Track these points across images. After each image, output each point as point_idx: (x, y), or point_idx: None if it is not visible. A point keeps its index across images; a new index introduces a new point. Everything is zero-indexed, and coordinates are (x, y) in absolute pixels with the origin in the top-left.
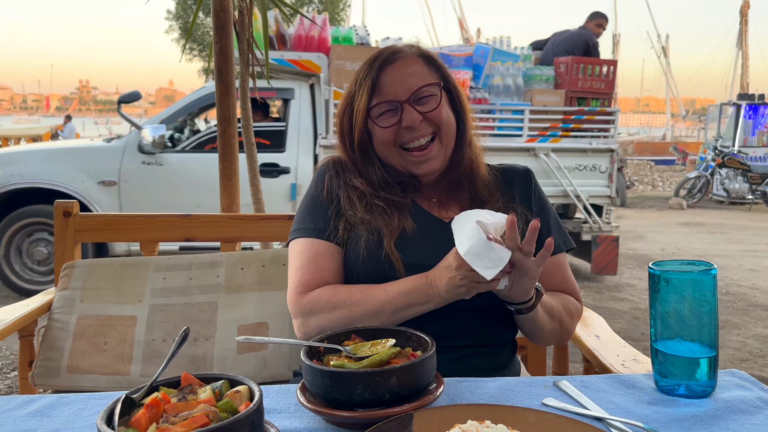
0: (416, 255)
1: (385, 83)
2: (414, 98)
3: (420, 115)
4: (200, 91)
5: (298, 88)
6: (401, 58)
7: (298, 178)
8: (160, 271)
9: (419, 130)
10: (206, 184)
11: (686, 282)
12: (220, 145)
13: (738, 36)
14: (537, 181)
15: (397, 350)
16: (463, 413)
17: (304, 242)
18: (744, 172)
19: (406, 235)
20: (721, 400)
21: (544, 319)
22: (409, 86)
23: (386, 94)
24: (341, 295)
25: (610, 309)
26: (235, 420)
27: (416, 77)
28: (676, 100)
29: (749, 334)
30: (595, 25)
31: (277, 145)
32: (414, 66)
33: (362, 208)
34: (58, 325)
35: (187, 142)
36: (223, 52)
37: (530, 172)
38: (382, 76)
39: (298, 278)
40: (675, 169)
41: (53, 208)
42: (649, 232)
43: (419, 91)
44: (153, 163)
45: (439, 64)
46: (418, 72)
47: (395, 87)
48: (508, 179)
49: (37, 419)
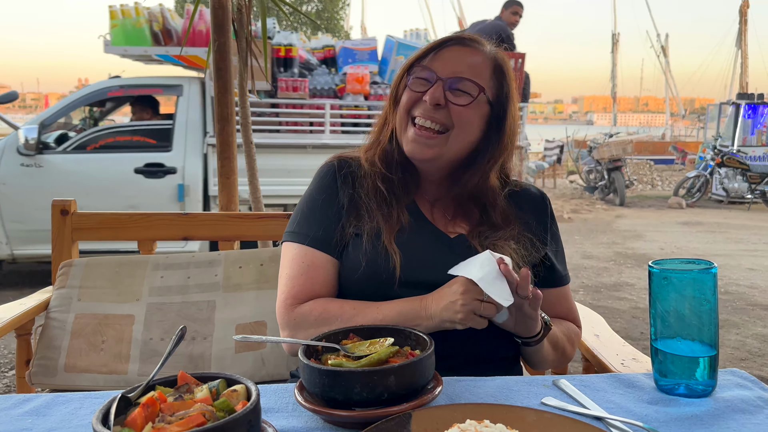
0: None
1: (442, 56)
2: (452, 83)
3: (444, 99)
4: (84, 90)
5: (187, 84)
6: (475, 48)
7: (185, 178)
8: (158, 270)
9: (434, 113)
10: (86, 185)
11: (686, 281)
12: (219, 144)
13: (737, 36)
14: (552, 209)
15: (396, 349)
16: (461, 412)
17: (299, 249)
18: (743, 172)
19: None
20: (721, 400)
21: (548, 350)
22: (457, 70)
23: (435, 64)
24: (332, 311)
25: (609, 308)
26: (232, 419)
27: (471, 69)
28: (676, 99)
29: (748, 333)
30: (511, 13)
31: (163, 144)
32: (479, 61)
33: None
34: (56, 324)
35: (68, 143)
36: (221, 49)
37: (546, 198)
38: (447, 49)
39: (288, 289)
40: (674, 168)
41: (52, 207)
42: (648, 231)
43: (461, 80)
44: (32, 165)
45: (504, 80)
46: (476, 67)
47: (447, 63)
48: (524, 202)
49: (33, 418)
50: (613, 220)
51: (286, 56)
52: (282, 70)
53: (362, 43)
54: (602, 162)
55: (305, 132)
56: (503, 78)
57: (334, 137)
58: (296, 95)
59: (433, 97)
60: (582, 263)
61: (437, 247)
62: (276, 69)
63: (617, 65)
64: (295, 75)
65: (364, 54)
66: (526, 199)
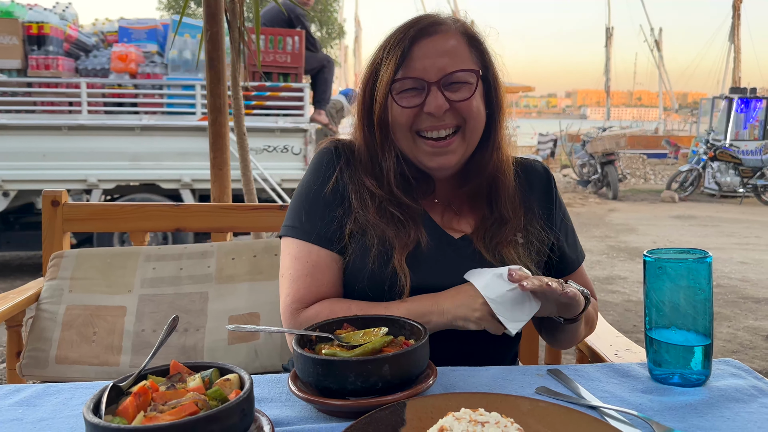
0: (426, 275)
1: (416, 57)
2: (445, 82)
3: (447, 102)
4: None
5: None
6: (441, 32)
7: None
8: (150, 261)
9: (442, 119)
10: None
11: (681, 270)
12: (211, 135)
13: (730, 30)
14: (556, 187)
15: (390, 339)
16: (456, 401)
17: (301, 247)
18: (735, 166)
19: (419, 252)
20: (715, 389)
21: (581, 326)
22: (443, 66)
23: (414, 69)
24: (339, 313)
25: (601, 301)
26: (225, 408)
27: (454, 57)
28: (669, 93)
29: (740, 326)
30: None
31: None
32: (454, 43)
33: (374, 212)
34: (47, 316)
35: None
36: (213, 39)
37: (550, 173)
38: (415, 47)
39: (294, 291)
40: (667, 162)
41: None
42: (641, 225)
43: (453, 75)
44: None
45: (483, 48)
46: (457, 52)
47: (426, 63)
48: (528, 181)
49: (23, 408)
50: (606, 214)
51: (38, 34)
52: (35, 48)
53: (140, 22)
54: (595, 156)
55: (63, 112)
56: (479, 43)
57: (93, 117)
58: (48, 74)
59: (438, 106)
60: None
61: (441, 250)
62: (28, 47)
63: (611, 59)
64: (49, 53)
65: (141, 33)
66: (530, 176)
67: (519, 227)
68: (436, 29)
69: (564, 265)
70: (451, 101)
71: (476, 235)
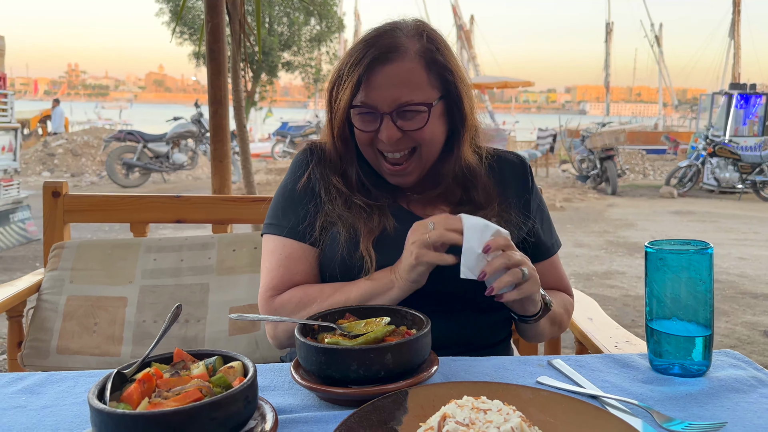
0: (394, 257)
1: (372, 85)
2: (398, 112)
3: (399, 132)
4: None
5: None
6: (397, 60)
7: None
8: (151, 253)
9: (396, 145)
10: None
11: (682, 261)
12: (212, 127)
13: (730, 26)
14: (533, 178)
15: (392, 328)
16: (458, 390)
17: (276, 241)
18: (734, 162)
19: (386, 236)
20: (715, 379)
21: (545, 326)
22: (396, 97)
23: (370, 98)
24: (311, 293)
25: (600, 296)
26: (229, 395)
27: (407, 87)
28: (669, 89)
29: (738, 321)
30: None
31: None
32: (410, 71)
33: (341, 205)
34: (48, 306)
35: None
36: (214, 31)
37: (526, 164)
38: (372, 75)
39: (268, 281)
40: (666, 158)
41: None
42: (639, 220)
43: (403, 106)
44: None
45: (443, 68)
46: (411, 80)
47: (381, 93)
48: (502, 173)
49: (27, 396)
50: (604, 209)
51: None
52: None
53: None
54: (595, 151)
55: None
56: (440, 65)
57: None
58: None
59: (389, 136)
60: (573, 251)
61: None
62: None
63: (611, 55)
64: None
65: None
66: (505, 168)
67: (493, 214)
68: (392, 57)
69: (539, 251)
70: (404, 130)
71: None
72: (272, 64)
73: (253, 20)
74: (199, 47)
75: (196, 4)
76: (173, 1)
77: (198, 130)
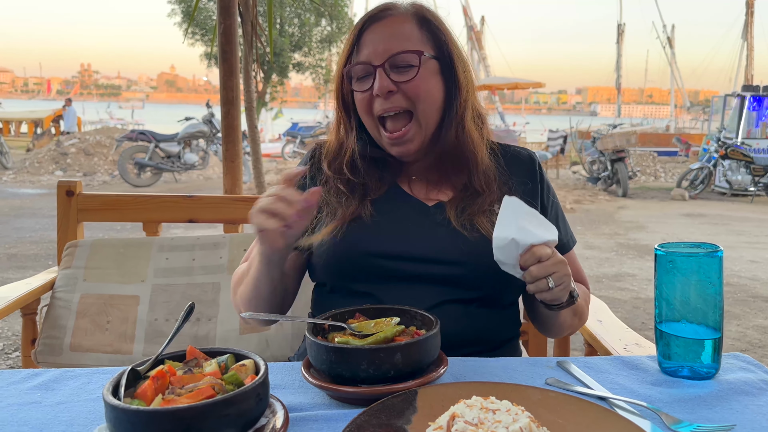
0: (383, 243)
1: (365, 42)
2: (390, 64)
3: (393, 84)
4: None
5: None
6: (390, 16)
7: None
8: (163, 251)
9: (392, 101)
10: None
11: (692, 264)
12: (224, 127)
13: (743, 27)
14: (543, 171)
15: (402, 328)
16: (467, 390)
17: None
18: (747, 164)
19: (364, 223)
20: (724, 382)
21: (566, 317)
22: (387, 49)
23: (363, 55)
24: (238, 272)
25: (610, 298)
26: (241, 392)
27: (399, 39)
28: (681, 91)
29: (749, 324)
30: None
31: None
32: (402, 26)
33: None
34: (61, 304)
35: None
36: (227, 32)
37: (535, 159)
38: (366, 33)
39: (235, 274)
40: (678, 160)
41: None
42: (650, 222)
43: (396, 56)
44: None
45: (436, 28)
46: (404, 34)
47: (374, 47)
48: (509, 164)
49: (42, 392)
50: (615, 211)
51: None
52: None
53: None
54: (606, 153)
55: None
56: (432, 24)
57: None
58: None
59: (381, 87)
60: (584, 253)
61: (413, 217)
62: None
63: (622, 56)
64: None
65: None
66: (512, 160)
67: (494, 199)
68: (386, 14)
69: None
70: (397, 83)
71: (451, 203)
72: (283, 64)
73: (265, 21)
74: (211, 48)
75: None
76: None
77: (209, 130)
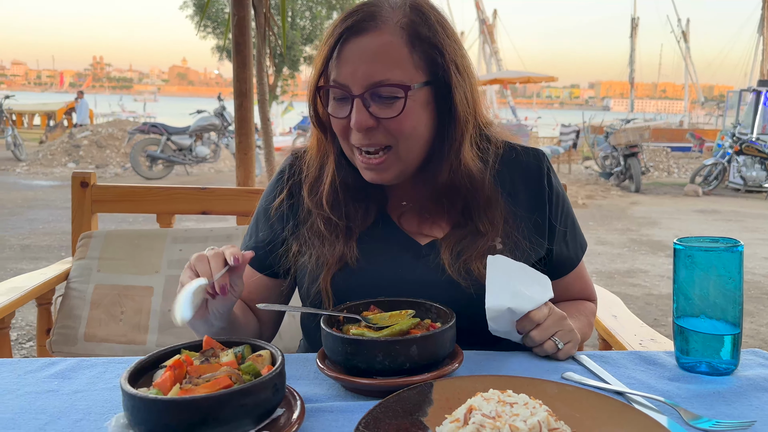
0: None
1: (344, 57)
2: (372, 94)
3: (372, 119)
4: None
5: None
6: (374, 29)
7: None
8: (177, 243)
9: (370, 138)
10: None
11: (711, 258)
12: (237, 119)
13: (759, 21)
14: (553, 179)
15: (417, 321)
16: (483, 383)
17: None
18: (762, 160)
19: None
20: (743, 378)
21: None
22: (368, 74)
23: (341, 74)
24: None
25: (622, 294)
26: (258, 382)
27: (383, 63)
28: (695, 86)
29: (763, 322)
30: None
31: None
32: (388, 44)
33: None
34: (76, 294)
35: None
36: (240, 24)
37: (543, 166)
38: (345, 47)
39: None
40: (691, 155)
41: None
42: (663, 218)
43: (377, 87)
44: None
45: (431, 46)
46: (389, 56)
47: (353, 68)
48: (512, 179)
49: (59, 381)
50: (628, 207)
51: None
52: None
53: None
54: (618, 148)
55: None
56: (425, 40)
57: None
58: None
59: (358, 122)
60: (596, 249)
61: (402, 260)
62: None
63: (636, 50)
64: None
65: None
66: (516, 176)
67: (497, 234)
68: (368, 25)
69: (563, 266)
70: (378, 117)
71: (446, 242)
72: (294, 58)
73: (277, 13)
74: (224, 40)
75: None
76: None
77: (221, 123)
